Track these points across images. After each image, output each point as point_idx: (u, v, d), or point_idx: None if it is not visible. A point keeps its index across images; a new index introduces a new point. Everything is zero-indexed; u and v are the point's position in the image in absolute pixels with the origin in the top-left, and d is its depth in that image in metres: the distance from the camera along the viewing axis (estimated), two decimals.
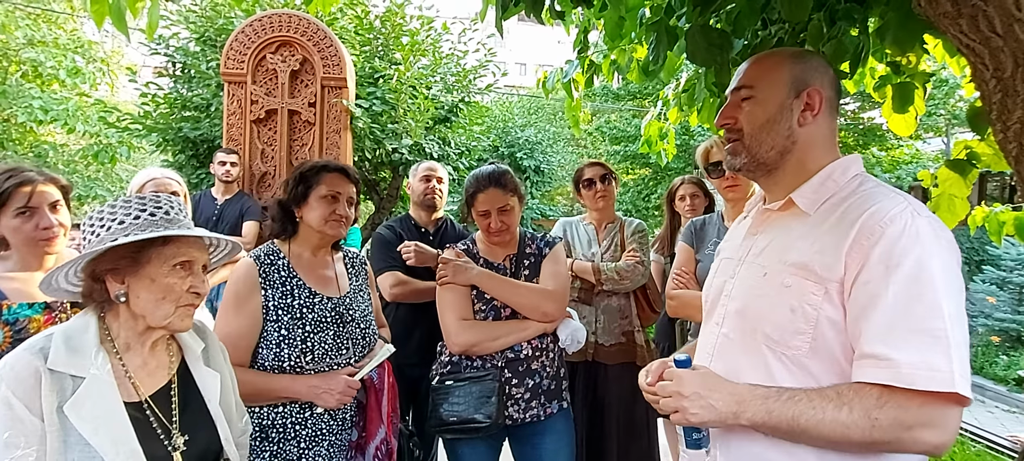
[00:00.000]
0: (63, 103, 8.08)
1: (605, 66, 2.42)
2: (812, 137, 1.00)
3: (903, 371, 0.78)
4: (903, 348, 0.79)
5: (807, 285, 0.89)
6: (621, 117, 13.85)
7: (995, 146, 1.44)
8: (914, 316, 0.80)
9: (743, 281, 1.03)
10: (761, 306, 0.96)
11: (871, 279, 0.84)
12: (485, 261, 1.79)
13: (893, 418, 0.79)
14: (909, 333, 0.80)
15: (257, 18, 4.01)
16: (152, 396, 1.03)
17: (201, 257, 1.09)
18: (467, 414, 1.58)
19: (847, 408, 0.81)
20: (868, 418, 0.80)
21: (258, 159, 4.05)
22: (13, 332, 1.31)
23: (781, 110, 0.99)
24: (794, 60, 1.02)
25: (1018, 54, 1.03)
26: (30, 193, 1.36)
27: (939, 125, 11.65)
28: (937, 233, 0.85)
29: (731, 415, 0.88)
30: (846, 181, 0.97)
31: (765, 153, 1.01)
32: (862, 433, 0.80)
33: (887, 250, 0.83)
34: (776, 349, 0.92)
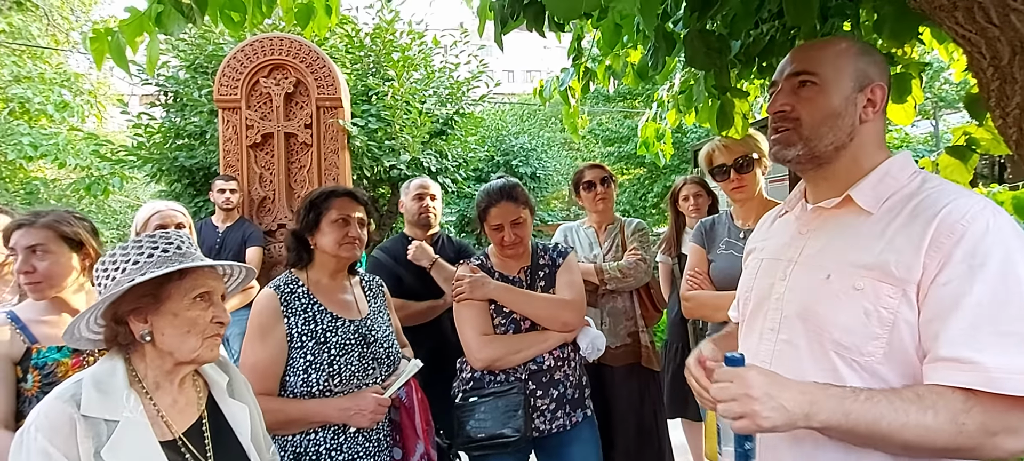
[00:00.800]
0: (53, 138, 8.05)
1: (600, 72, 2.44)
2: (869, 134, 0.97)
3: (992, 375, 0.74)
4: (989, 351, 0.75)
5: (882, 287, 0.84)
6: (613, 118, 13.94)
7: (994, 131, 1.46)
8: (1002, 318, 0.76)
9: (800, 283, 0.96)
10: (828, 311, 0.89)
11: (953, 279, 0.79)
12: (500, 275, 1.80)
13: (980, 424, 0.75)
14: (996, 335, 0.76)
15: (249, 43, 4.02)
16: (185, 433, 1.04)
17: (218, 287, 1.10)
18: (495, 429, 1.58)
19: (933, 412, 0.76)
20: (955, 423, 0.76)
21: (256, 184, 4.05)
22: (42, 376, 1.31)
23: (846, 103, 0.95)
24: (860, 52, 0.98)
25: (1015, 42, 1.06)
26: (8, 236, 1.41)
27: (926, 109, 11.80)
28: (1019, 233, 0.81)
29: (803, 416, 0.78)
30: (906, 178, 0.93)
31: (824, 147, 0.96)
32: (948, 438, 0.76)
33: (970, 249, 0.79)
34: (847, 355, 0.87)
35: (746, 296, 1.10)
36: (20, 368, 1.34)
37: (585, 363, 1.85)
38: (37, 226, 1.40)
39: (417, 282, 2.26)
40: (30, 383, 1.32)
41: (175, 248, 1.05)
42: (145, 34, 1.58)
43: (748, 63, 1.89)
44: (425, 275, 2.23)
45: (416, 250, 2.22)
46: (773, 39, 1.82)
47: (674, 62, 2.39)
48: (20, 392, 1.33)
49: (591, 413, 1.82)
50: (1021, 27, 1.03)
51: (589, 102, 13.72)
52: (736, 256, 1.89)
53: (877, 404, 0.78)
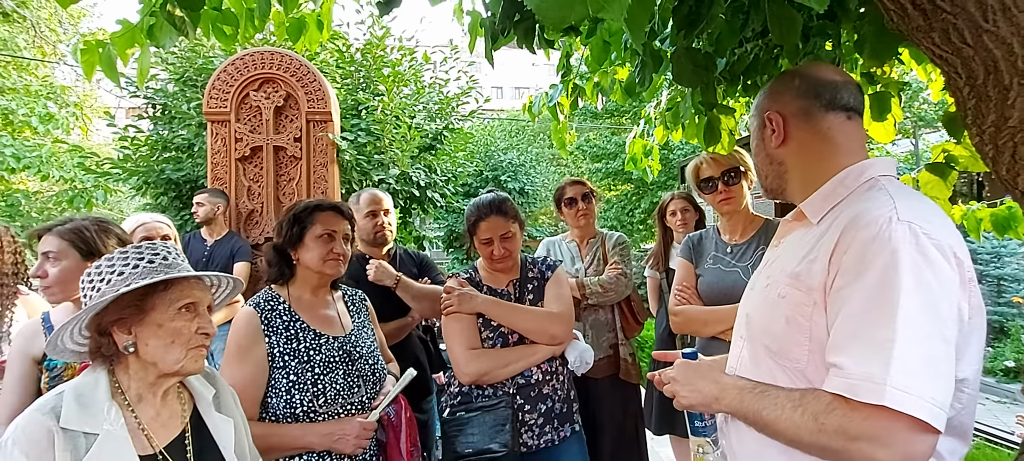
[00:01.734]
0: (36, 150, 7.93)
1: (589, 89, 2.47)
2: (796, 153, 1.02)
3: (851, 381, 0.77)
4: (855, 357, 0.78)
5: (798, 296, 0.89)
6: (600, 135, 14.08)
7: (971, 149, 1.51)
8: (869, 324, 0.77)
9: (753, 293, 1.06)
10: (761, 318, 0.97)
11: (842, 286, 0.82)
12: (488, 288, 1.80)
13: (837, 426, 0.77)
14: (862, 342, 0.77)
15: (239, 57, 4.02)
16: (167, 447, 1.02)
17: (205, 298, 1.09)
18: (483, 444, 1.56)
19: (801, 409, 0.82)
20: (816, 422, 0.79)
21: (245, 197, 4.02)
22: (51, 378, 1.33)
23: (760, 141, 1.07)
24: (763, 93, 1.09)
25: (988, 62, 1.10)
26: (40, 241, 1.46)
27: (906, 127, 12.08)
28: (915, 239, 0.79)
29: (713, 399, 0.97)
30: (858, 185, 0.94)
31: (763, 179, 1.09)
32: (810, 435, 0.80)
33: (858, 255, 0.81)
34: (779, 361, 0.92)
35: None
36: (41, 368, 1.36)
37: (572, 376, 1.85)
38: (52, 234, 1.44)
39: (382, 302, 2.14)
40: (42, 382, 1.34)
41: (161, 259, 1.04)
42: (136, 46, 1.57)
43: (734, 81, 1.93)
44: (389, 294, 2.13)
45: (377, 271, 2.11)
46: (757, 57, 1.86)
47: (661, 79, 2.43)
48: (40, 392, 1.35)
49: (580, 428, 1.81)
50: (994, 47, 1.07)
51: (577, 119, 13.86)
52: (723, 270, 1.91)
53: (763, 398, 0.88)
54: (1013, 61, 1.06)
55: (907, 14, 1.16)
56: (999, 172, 1.20)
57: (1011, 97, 1.09)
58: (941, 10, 1.09)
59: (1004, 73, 1.08)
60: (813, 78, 1.02)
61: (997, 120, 1.13)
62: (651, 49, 1.76)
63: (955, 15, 1.09)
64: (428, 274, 2.38)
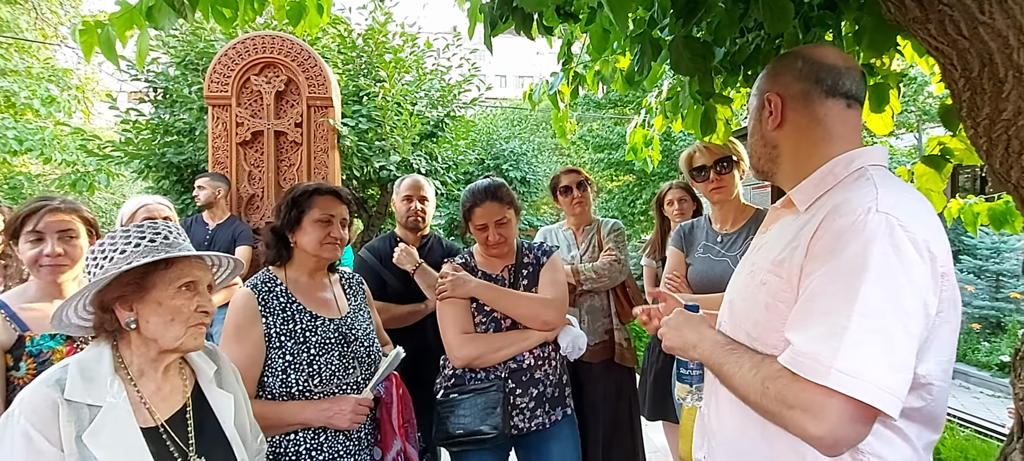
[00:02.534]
0: (38, 133, 7.94)
1: (589, 77, 2.47)
2: (790, 135, 1.01)
3: (795, 356, 0.80)
4: (804, 335, 0.80)
5: (778, 283, 0.90)
6: (603, 125, 14.02)
7: (966, 141, 1.51)
8: (827, 308, 0.79)
9: (737, 278, 1.07)
10: (743, 304, 0.99)
11: (811, 271, 0.84)
12: (483, 274, 1.82)
13: (778, 392, 0.82)
14: (815, 323, 0.80)
15: (240, 40, 4.01)
16: (168, 420, 1.04)
17: (205, 277, 1.11)
18: (473, 426, 1.59)
19: (755, 371, 0.86)
20: (762, 384, 0.84)
21: (245, 181, 4.04)
22: (37, 363, 1.32)
23: (757, 122, 1.06)
24: (764, 73, 1.07)
25: (983, 55, 1.10)
26: (38, 219, 1.38)
27: (910, 121, 12.01)
28: (891, 231, 0.79)
29: (691, 346, 1.02)
30: (847, 174, 0.93)
31: (756, 161, 1.09)
32: (755, 396, 0.85)
33: (830, 243, 0.82)
34: (759, 347, 0.93)
35: None
36: (11, 356, 1.33)
37: (565, 361, 1.87)
38: (65, 210, 1.44)
39: (401, 285, 2.24)
40: (24, 371, 1.32)
41: (162, 238, 1.06)
42: (135, 28, 1.58)
43: (734, 71, 1.93)
44: (409, 279, 2.21)
45: (401, 254, 2.19)
46: (758, 48, 1.86)
47: (662, 69, 2.43)
48: (10, 380, 1.33)
49: (572, 412, 1.83)
50: (989, 39, 1.08)
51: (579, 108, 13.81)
52: (713, 260, 1.93)
53: (730, 354, 0.94)
54: (1008, 54, 1.06)
55: (904, 5, 1.16)
56: (993, 165, 1.21)
57: (1006, 90, 1.10)
58: (938, 1, 1.10)
59: (999, 66, 1.08)
60: (816, 61, 0.99)
61: (991, 113, 1.14)
62: (650, 37, 1.76)
63: (951, 7, 1.09)
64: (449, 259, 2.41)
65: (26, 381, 1.30)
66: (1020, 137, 1.11)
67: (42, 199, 1.43)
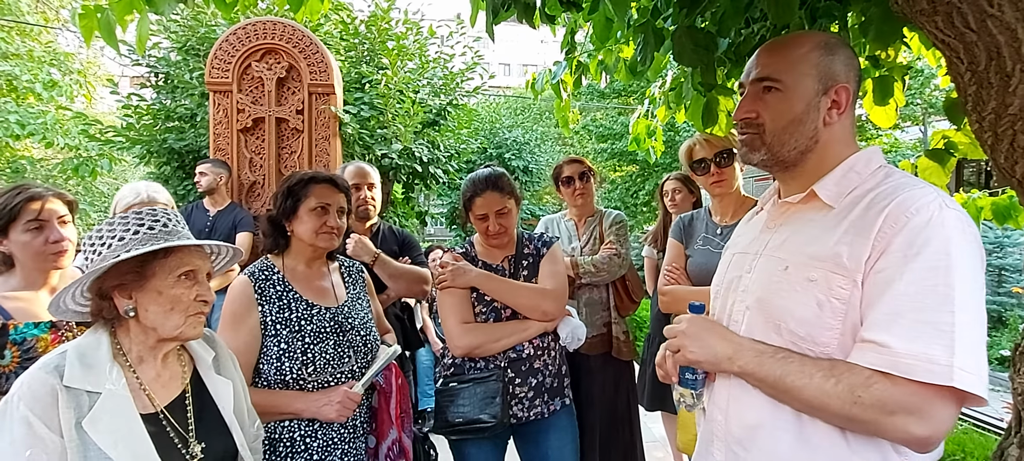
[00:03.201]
0: (40, 117, 7.93)
1: (593, 66, 2.45)
2: (835, 135, 0.97)
3: (901, 360, 0.78)
4: (905, 337, 0.78)
5: (834, 278, 0.87)
6: (606, 115, 13.95)
7: (971, 135, 1.50)
8: (924, 307, 0.78)
9: (762, 275, 0.99)
10: (785, 302, 0.92)
11: (887, 266, 0.82)
12: (483, 264, 1.82)
13: (876, 400, 0.79)
14: (915, 323, 0.78)
15: (241, 26, 3.99)
16: (167, 407, 1.05)
17: (204, 265, 1.11)
18: (473, 415, 1.60)
19: (834, 380, 0.82)
20: (851, 394, 0.80)
21: (247, 168, 4.03)
22: (21, 352, 1.31)
23: (809, 108, 0.95)
24: (824, 51, 0.96)
25: (991, 48, 1.08)
26: (40, 208, 1.38)
27: (916, 114, 11.91)
28: (963, 227, 0.82)
29: (726, 358, 0.93)
30: (870, 173, 0.94)
31: (787, 152, 0.98)
32: (842, 406, 0.81)
33: (909, 239, 0.81)
34: (803, 345, 0.89)
35: (717, 289, 1.13)
36: None
37: (564, 351, 1.87)
38: (56, 196, 1.43)
39: None
40: (8, 359, 1.31)
41: (161, 225, 1.05)
42: (135, 13, 1.57)
43: (738, 62, 1.91)
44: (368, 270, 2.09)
45: (356, 246, 2.08)
46: (763, 39, 1.84)
47: (666, 59, 2.41)
48: None
49: (570, 402, 1.84)
50: (997, 32, 1.06)
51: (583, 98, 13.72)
52: (712, 251, 1.92)
53: (789, 363, 0.87)
54: (1016, 47, 1.05)
55: None
56: (998, 160, 1.20)
57: (1013, 84, 1.08)
58: None
59: (1007, 59, 1.07)
60: (859, 64, 1.00)
61: (997, 107, 1.13)
62: (653, 27, 1.74)
63: None
64: (409, 253, 2.37)
65: (11, 369, 1.30)
66: None
67: (19, 188, 1.41)
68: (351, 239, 2.11)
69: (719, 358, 0.94)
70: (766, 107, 0.98)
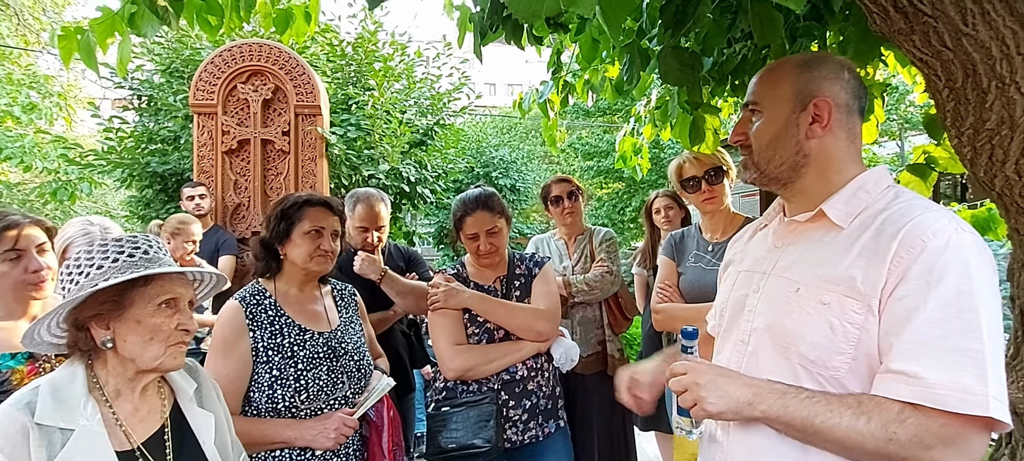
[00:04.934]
0: (18, 140, 7.78)
1: (579, 86, 2.48)
2: (827, 148, 0.96)
3: (935, 391, 0.75)
4: (936, 367, 0.76)
5: (848, 302, 0.85)
6: (592, 133, 14.10)
7: (951, 150, 1.53)
8: (951, 334, 0.76)
9: (770, 296, 0.97)
10: (796, 325, 0.90)
11: (908, 293, 0.80)
12: (475, 284, 1.80)
13: (913, 435, 0.76)
14: (944, 351, 0.76)
15: (227, 48, 3.97)
16: (145, 443, 1.00)
17: (186, 293, 1.06)
18: (466, 440, 1.57)
19: (866, 418, 0.79)
20: (886, 431, 0.77)
21: (231, 190, 3.98)
22: None
23: (787, 125, 0.97)
24: (800, 70, 0.98)
25: (967, 66, 1.11)
26: (17, 236, 1.33)
27: (893, 129, 12.22)
28: (980, 250, 0.81)
29: (747, 404, 0.87)
30: (879, 192, 0.93)
31: (774, 169, 0.99)
32: (877, 444, 0.78)
33: (928, 264, 0.79)
34: (813, 369, 0.88)
35: (722, 308, 1.10)
36: None
37: (558, 372, 1.85)
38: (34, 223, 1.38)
39: (366, 295, 2.12)
40: None
41: (142, 253, 1.02)
42: (117, 35, 1.55)
43: (722, 81, 1.94)
44: (373, 287, 2.12)
45: (363, 263, 2.09)
46: (745, 58, 1.88)
47: (651, 78, 2.45)
48: None
49: (565, 424, 1.82)
50: (973, 50, 1.09)
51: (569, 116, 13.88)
52: (705, 269, 1.93)
53: (815, 403, 0.83)
54: (991, 65, 1.08)
55: (889, 17, 1.18)
56: (977, 173, 1.22)
57: (989, 100, 1.11)
58: (922, 13, 1.11)
59: (982, 76, 1.09)
60: (857, 76, 0.99)
61: (975, 122, 1.15)
62: (639, 47, 1.77)
63: (936, 18, 1.10)
64: (416, 270, 2.38)
65: None
66: (1003, 146, 1.13)
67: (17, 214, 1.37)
68: (359, 256, 2.11)
69: (740, 405, 0.87)
70: (752, 128, 1.02)
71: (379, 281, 2.08)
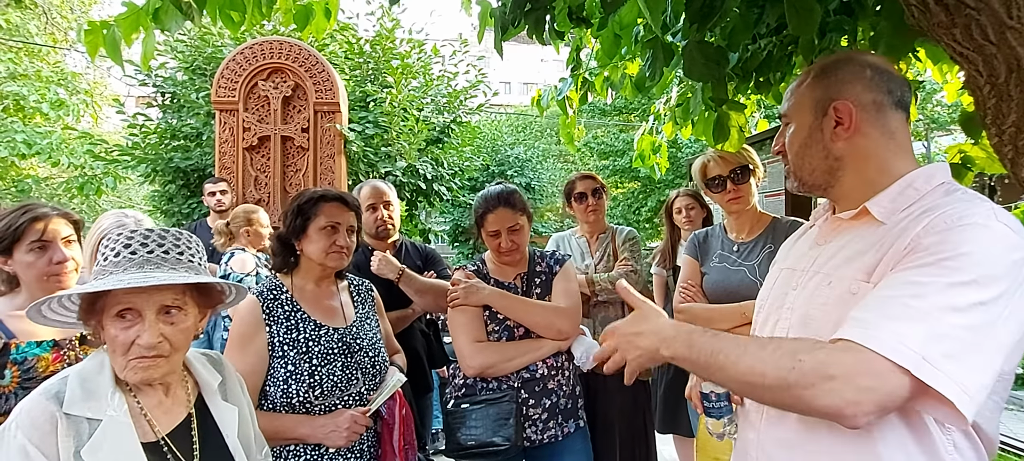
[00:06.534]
0: (47, 136, 7.99)
1: (598, 83, 2.45)
2: (861, 148, 0.94)
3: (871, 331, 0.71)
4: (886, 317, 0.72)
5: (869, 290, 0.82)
6: (608, 132, 14.03)
7: (989, 150, 1.47)
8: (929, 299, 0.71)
9: (807, 292, 0.96)
10: (825, 317, 0.88)
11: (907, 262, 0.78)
12: (495, 281, 1.79)
13: (819, 362, 0.72)
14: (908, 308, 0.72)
15: (248, 46, 4.02)
16: (170, 434, 1.01)
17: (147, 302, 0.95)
18: (486, 437, 1.56)
19: (773, 347, 0.77)
20: (792, 359, 0.74)
21: (252, 186, 4.03)
22: (21, 372, 1.28)
23: (811, 132, 0.98)
24: (817, 77, 0.98)
25: (1011, 60, 1.07)
26: (44, 228, 1.35)
27: (918, 129, 11.95)
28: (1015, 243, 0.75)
29: (654, 349, 0.90)
30: (930, 189, 0.89)
31: (808, 176, 1.01)
32: (778, 373, 0.74)
33: (940, 240, 0.76)
34: None
35: (761, 306, 1.10)
36: None
37: (578, 372, 1.83)
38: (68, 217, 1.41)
39: (384, 294, 2.10)
40: (8, 379, 1.27)
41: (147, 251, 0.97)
42: (141, 30, 1.57)
43: (745, 78, 1.90)
44: (390, 286, 2.10)
45: (380, 263, 2.06)
46: (770, 54, 1.83)
47: (672, 75, 2.41)
48: None
49: (584, 424, 1.80)
50: (1018, 45, 1.05)
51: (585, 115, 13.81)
52: (729, 269, 1.89)
53: (722, 340, 0.83)
54: None
55: (929, 10, 1.13)
56: (1018, 173, 1.17)
57: None
58: (964, 6, 1.07)
59: None
60: (884, 70, 0.96)
61: (1018, 120, 1.11)
62: (662, 42, 1.73)
63: (979, 11, 1.06)
64: (433, 268, 2.36)
65: (11, 390, 1.26)
66: None
67: (24, 207, 1.38)
68: (376, 256, 2.09)
69: (651, 350, 0.91)
70: (786, 140, 1.05)
71: (397, 280, 2.07)
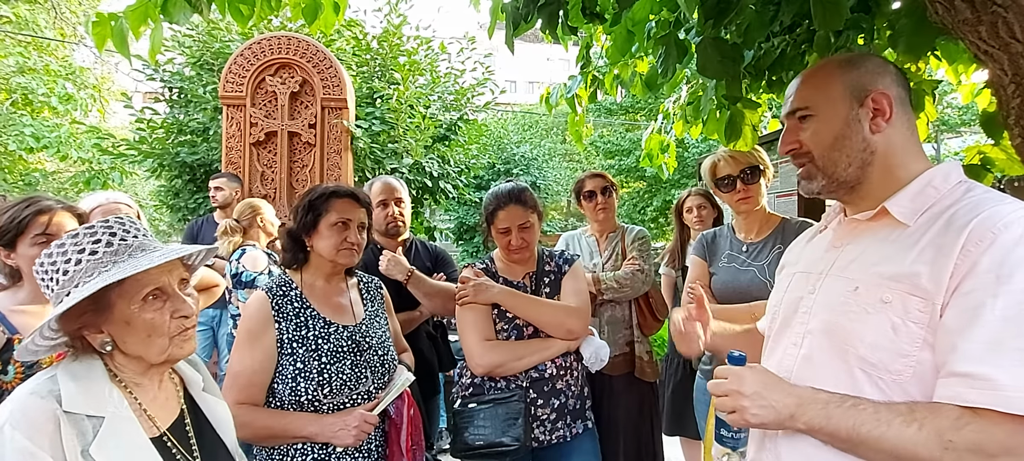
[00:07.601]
0: (55, 130, 8.03)
1: (608, 80, 2.43)
2: (892, 142, 0.92)
3: (1006, 394, 0.69)
4: (1007, 368, 0.70)
5: (912, 301, 0.80)
6: (614, 131, 13.98)
7: (1010, 150, 1.44)
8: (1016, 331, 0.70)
9: (827, 296, 0.92)
10: (854, 325, 0.85)
11: (976, 288, 0.74)
12: (504, 280, 1.77)
13: (972, 442, 0.71)
14: (1017, 352, 0.70)
15: (256, 41, 4.02)
16: (168, 429, 0.99)
17: (168, 278, 0.95)
18: (494, 438, 1.54)
19: (917, 425, 0.74)
20: (940, 439, 0.72)
21: (258, 182, 4.03)
22: (25, 368, 1.26)
23: (848, 123, 0.93)
24: (845, 68, 0.95)
25: None
26: (48, 221, 1.34)
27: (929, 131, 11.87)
28: None
29: (789, 416, 0.83)
30: (949, 188, 0.87)
31: (843, 171, 0.94)
32: (930, 454, 0.73)
33: (999, 258, 0.74)
34: (873, 373, 0.83)
35: (775, 310, 1.06)
36: None
37: (586, 372, 1.81)
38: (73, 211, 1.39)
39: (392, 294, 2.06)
40: (11, 375, 1.25)
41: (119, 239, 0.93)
42: (150, 22, 1.55)
43: (758, 76, 1.87)
44: (399, 287, 2.05)
45: (389, 263, 2.02)
46: (784, 53, 1.81)
47: (682, 73, 2.38)
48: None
49: (592, 425, 1.78)
50: None
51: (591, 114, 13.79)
52: (738, 269, 1.87)
53: (862, 411, 0.78)
54: None
55: (954, 6, 1.11)
56: None
57: None
58: (992, 3, 1.04)
59: None
60: (900, 70, 0.96)
61: None
62: (675, 39, 1.71)
63: (1006, 8, 1.03)
64: (443, 270, 2.31)
65: (13, 385, 1.23)
66: None
67: (29, 200, 1.36)
68: (384, 256, 2.05)
69: (782, 416, 0.83)
70: (806, 135, 0.97)
71: (405, 282, 2.04)
